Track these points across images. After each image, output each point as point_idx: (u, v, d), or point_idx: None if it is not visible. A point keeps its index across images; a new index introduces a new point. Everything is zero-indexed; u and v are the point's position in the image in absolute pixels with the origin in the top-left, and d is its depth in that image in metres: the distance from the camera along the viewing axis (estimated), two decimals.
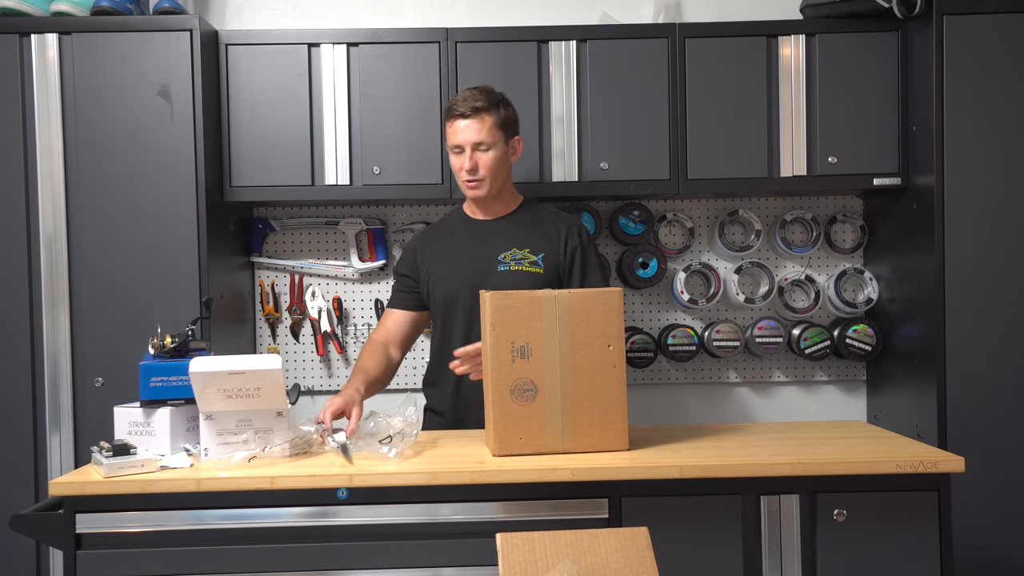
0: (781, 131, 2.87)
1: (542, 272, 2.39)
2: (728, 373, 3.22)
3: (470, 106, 2.34)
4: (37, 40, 2.67)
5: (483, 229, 2.48)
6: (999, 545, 2.68)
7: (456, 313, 2.41)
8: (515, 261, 2.40)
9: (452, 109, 2.37)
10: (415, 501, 1.88)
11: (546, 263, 2.41)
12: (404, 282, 2.54)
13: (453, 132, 2.37)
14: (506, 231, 2.45)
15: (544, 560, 1.46)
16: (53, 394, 2.68)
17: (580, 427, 1.99)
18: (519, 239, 2.43)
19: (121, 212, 2.69)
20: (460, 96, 2.39)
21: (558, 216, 2.50)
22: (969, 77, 2.68)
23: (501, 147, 2.39)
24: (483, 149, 2.36)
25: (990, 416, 2.67)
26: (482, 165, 2.36)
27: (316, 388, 3.18)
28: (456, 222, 2.54)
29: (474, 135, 2.34)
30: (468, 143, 2.35)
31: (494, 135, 2.37)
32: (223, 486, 1.86)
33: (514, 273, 2.39)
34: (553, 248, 2.43)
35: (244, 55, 2.84)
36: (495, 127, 2.37)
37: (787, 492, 1.92)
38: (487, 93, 2.38)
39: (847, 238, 3.16)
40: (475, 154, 2.35)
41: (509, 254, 2.41)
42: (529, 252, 2.41)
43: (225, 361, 1.94)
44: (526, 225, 2.47)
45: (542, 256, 2.41)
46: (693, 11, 3.19)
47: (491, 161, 2.37)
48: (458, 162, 2.38)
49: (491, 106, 2.37)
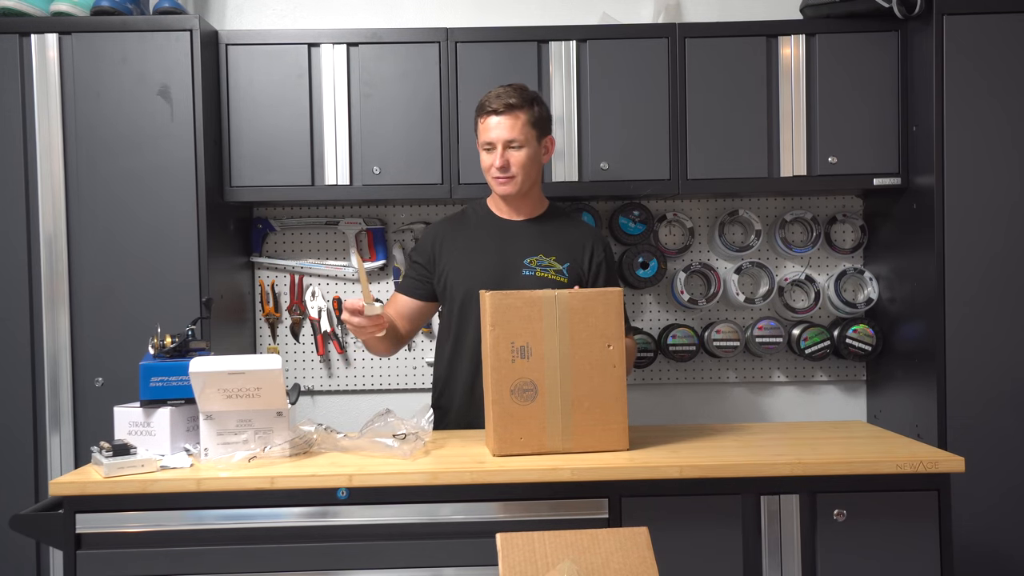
0: (781, 131, 2.87)
1: (566, 282, 2.37)
2: (728, 373, 3.22)
3: (503, 103, 2.32)
4: (37, 40, 2.67)
5: (509, 229, 2.44)
6: (999, 545, 2.68)
7: (471, 312, 2.35)
8: (541, 267, 2.38)
9: (484, 106, 2.35)
10: (415, 501, 1.88)
11: (570, 273, 2.39)
12: (417, 269, 2.49)
13: (485, 129, 2.35)
14: (534, 235, 2.42)
15: (544, 560, 1.46)
16: (53, 394, 2.68)
17: (580, 427, 1.99)
18: (547, 246, 2.41)
19: (121, 212, 2.69)
20: (493, 93, 2.36)
21: (585, 228, 2.49)
22: (969, 77, 2.68)
23: (533, 145, 2.36)
24: (515, 147, 2.33)
25: (990, 416, 2.67)
26: (513, 163, 2.34)
27: (316, 388, 3.18)
28: (480, 217, 2.49)
29: (506, 132, 2.32)
30: (500, 140, 2.32)
31: (526, 133, 2.34)
32: (223, 486, 1.86)
33: (539, 280, 2.36)
34: (578, 260, 2.41)
35: (244, 55, 2.84)
36: (528, 125, 2.35)
37: (787, 492, 1.92)
38: (521, 90, 2.36)
39: (847, 238, 3.16)
40: (507, 152, 2.33)
41: (535, 259, 2.38)
42: (555, 260, 2.39)
43: (225, 361, 1.94)
44: (554, 232, 2.44)
45: (567, 266, 2.39)
46: (693, 11, 3.19)
47: (523, 159, 2.34)
48: (489, 159, 2.36)
49: (524, 103, 2.35)
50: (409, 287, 2.49)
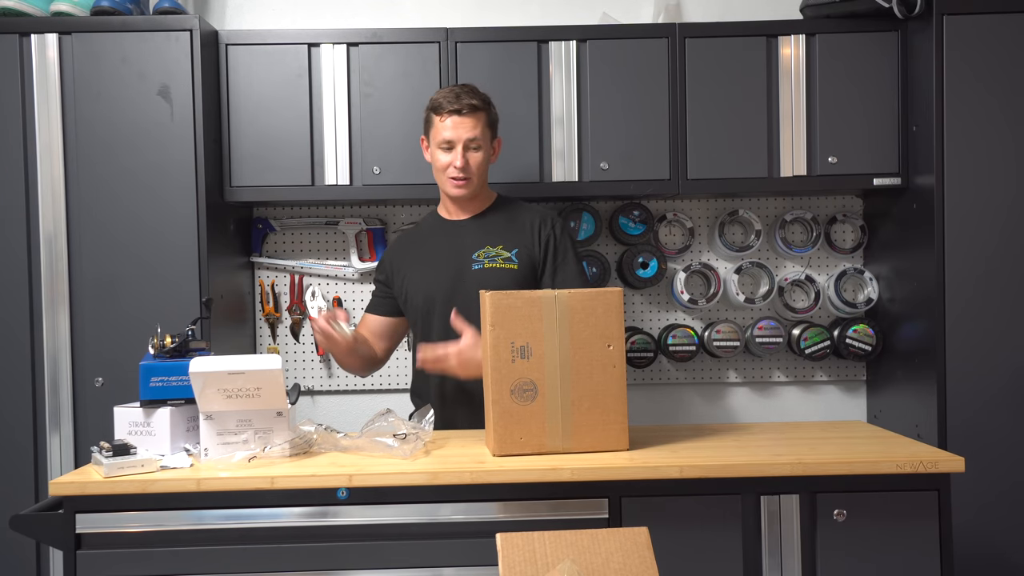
0: (781, 131, 2.87)
1: (516, 268, 2.38)
2: (728, 373, 3.22)
3: (466, 103, 2.33)
4: (37, 40, 2.67)
5: (456, 229, 2.46)
6: (999, 545, 2.68)
7: (433, 316, 2.39)
8: (488, 259, 2.39)
9: (443, 105, 2.35)
10: (415, 501, 1.88)
11: (520, 258, 2.39)
12: (380, 288, 2.57)
13: (444, 128, 2.35)
14: (479, 229, 2.44)
15: (544, 560, 1.46)
16: (53, 394, 2.68)
17: (580, 427, 1.99)
18: (492, 236, 2.42)
19: (121, 212, 2.69)
20: (451, 92, 2.36)
21: (532, 210, 2.48)
22: (969, 77, 2.68)
23: (488, 147, 2.41)
24: (475, 147, 2.36)
25: (990, 416, 2.67)
26: (472, 163, 2.36)
27: (316, 388, 3.18)
28: (430, 225, 2.54)
29: (468, 132, 2.34)
30: (462, 140, 2.34)
31: (485, 134, 2.38)
32: (223, 486, 1.86)
33: (488, 271, 2.37)
34: (527, 242, 2.41)
35: (244, 55, 2.84)
36: (486, 126, 2.38)
37: (787, 492, 1.92)
38: (475, 91, 2.39)
39: (847, 238, 3.16)
40: (467, 152, 2.35)
41: (483, 252, 2.40)
42: (503, 248, 2.40)
43: (225, 361, 1.94)
44: (499, 221, 2.45)
45: (516, 252, 2.40)
46: (693, 11, 3.19)
47: (480, 160, 2.38)
48: (446, 158, 2.36)
49: (484, 105, 2.38)
50: (375, 305, 2.57)
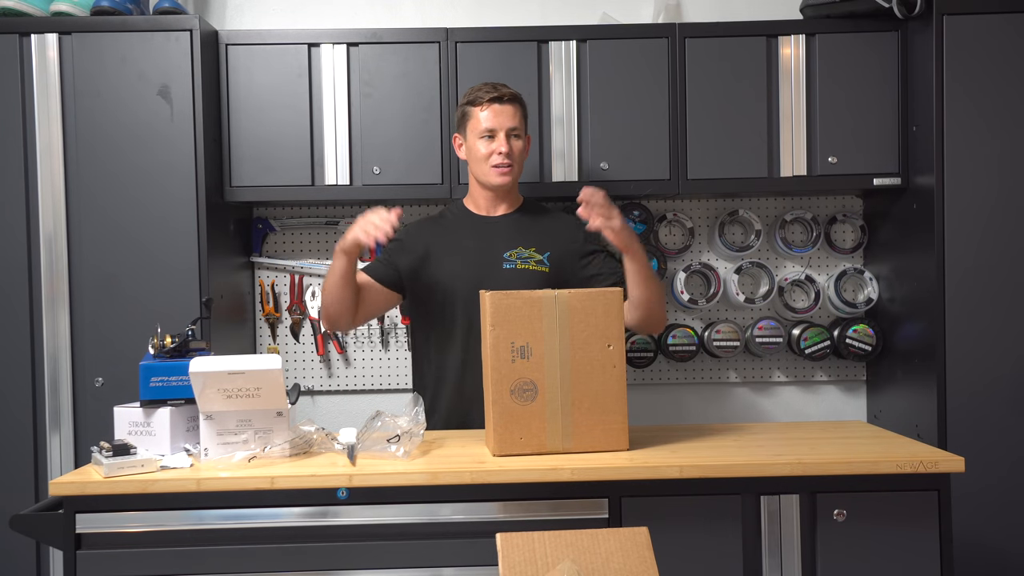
0: (781, 131, 2.87)
1: (547, 271, 2.38)
2: (728, 373, 3.22)
3: (506, 92, 2.38)
4: (37, 40, 2.67)
5: (488, 225, 2.46)
6: (999, 545, 2.67)
7: (456, 308, 2.37)
8: (521, 259, 2.39)
9: (479, 97, 2.38)
10: (415, 501, 1.88)
11: (552, 262, 2.40)
12: (386, 256, 2.45)
13: (484, 118, 2.37)
14: (512, 228, 2.44)
15: (544, 560, 1.46)
16: (53, 394, 2.68)
17: (580, 427, 1.99)
18: (527, 237, 2.42)
19: (121, 212, 2.69)
20: (485, 85, 2.40)
21: (567, 216, 2.47)
22: (969, 77, 2.68)
23: (525, 138, 2.43)
24: (516, 136, 2.39)
25: (990, 416, 2.67)
26: (515, 150, 2.38)
27: (316, 388, 3.18)
28: (457, 216, 2.51)
29: (510, 120, 2.37)
30: (504, 128, 2.36)
31: (523, 125, 2.42)
32: (223, 486, 1.86)
33: (519, 272, 2.37)
34: (563, 247, 2.41)
35: (244, 55, 2.84)
36: (523, 118, 2.42)
37: (787, 492, 1.92)
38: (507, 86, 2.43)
39: (847, 238, 3.16)
40: (510, 140, 2.37)
41: (515, 252, 2.40)
42: (535, 251, 2.41)
43: (225, 361, 1.94)
44: (531, 223, 2.46)
45: (548, 255, 2.41)
46: (693, 11, 3.19)
47: (521, 148, 2.41)
48: (489, 147, 2.37)
49: (519, 98, 2.43)
50: (374, 269, 2.43)
